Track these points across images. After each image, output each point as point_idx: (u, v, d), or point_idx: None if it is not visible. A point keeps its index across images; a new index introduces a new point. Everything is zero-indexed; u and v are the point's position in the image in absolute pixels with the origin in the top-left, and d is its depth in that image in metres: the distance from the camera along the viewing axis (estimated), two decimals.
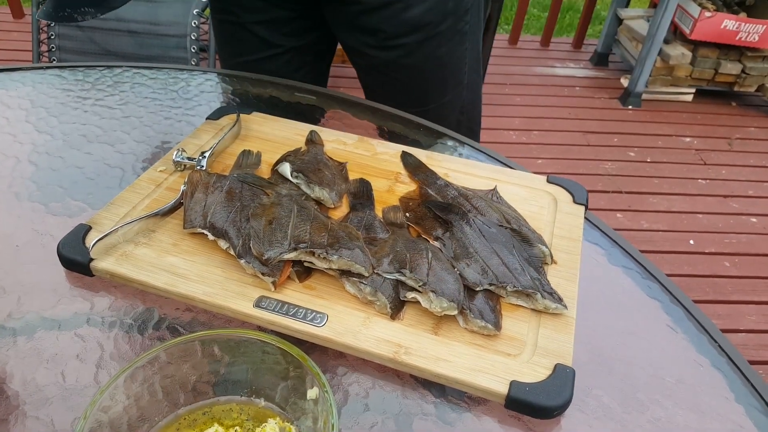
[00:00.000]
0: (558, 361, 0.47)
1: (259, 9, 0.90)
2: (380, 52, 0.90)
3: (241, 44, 0.93)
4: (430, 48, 0.90)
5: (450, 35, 0.90)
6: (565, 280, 0.55)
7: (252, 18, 0.91)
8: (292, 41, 0.94)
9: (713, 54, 2.60)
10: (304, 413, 0.40)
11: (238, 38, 0.93)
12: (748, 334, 1.65)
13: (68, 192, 0.65)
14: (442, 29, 0.88)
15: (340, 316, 0.50)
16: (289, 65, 0.97)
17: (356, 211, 0.61)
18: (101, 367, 0.48)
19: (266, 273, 0.51)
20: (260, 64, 0.94)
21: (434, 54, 0.91)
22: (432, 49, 0.90)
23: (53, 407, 0.45)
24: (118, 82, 0.87)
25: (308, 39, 0.96)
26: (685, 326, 0.56)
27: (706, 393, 0.50)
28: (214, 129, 0.73)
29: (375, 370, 0.49)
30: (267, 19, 0.91)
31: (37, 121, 0.77)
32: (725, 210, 2.12)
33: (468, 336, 0.49)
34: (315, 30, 0.96)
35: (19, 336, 0.50)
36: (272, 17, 0.91)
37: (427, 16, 0.86)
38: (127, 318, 0.52)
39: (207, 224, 0.55)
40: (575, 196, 0.66)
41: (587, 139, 2.46)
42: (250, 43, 0.93)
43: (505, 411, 0.46)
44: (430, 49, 0.90)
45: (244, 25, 0.92)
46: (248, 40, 0.93)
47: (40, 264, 0.56)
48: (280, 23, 0.92)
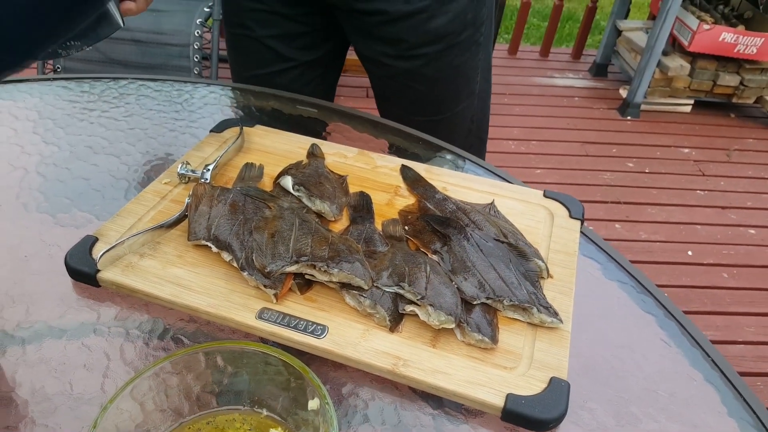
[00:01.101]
0: (553, 375, 0.48)
1: (273, 23, 0.91)
2: (400, 61, 0.90)
3: (255, 58, 0.94)
4: (449, 58, 0.91)
5: (467, 45, 0.91)
6: (560, 294, 0.57)
7: (266, 32, 0.92)
8: (305, 55, 0.96)
9: (711, 66, 2.62)
10: (305, 423, 0.41)
11: (252, 52, 0.94)
12: (746, 346, 1.66)
13: (75, 203, 0.67)
14: (461, 39, 0.90)
15: (340, 328, 0.51)
16: (300, 79, 0.98)
17: (356, 224, 0.62)
18: (107, 377, 0.49)
19: (268, 285, 0.52)
20: (273, 78, 0.96)
21: (452, 64, 0.92)
22: (451, 59, 0.91)
23: (61, 416, 0.46)
24: (124, 94, 0.89)
25: (320, 53, 0.97)
26: (679, 340, 0.57)
27: (698, 407, 0.51)
28: (217, 142, 0.74)
29: (374, 381, 0.50)
30: (281, 33, 0.92)
31: (45, 132, 0.79)
32: (724, 221, 2.14)
33: (465, 349, 0.51)
34: (327, 44, 0.97)
35: (27, 345, 0.51)
36: (286, 31, 0.92)
37: (450, 26, 0.87)
38: (132, 328, 0.53)
39: (211, 236, 0.56)
40: (571, 211, 0.67)
41: (586, 150, 2.48)
42: (264, 57, 0.94)
43: (502, 423, 0.47)
44: (449, 58, 0.91)
45: (259, 39, 0.93)
46: (262, 54, 0.94)
47: (47, 274, 0.57)
48: (293, 37, 0.93)
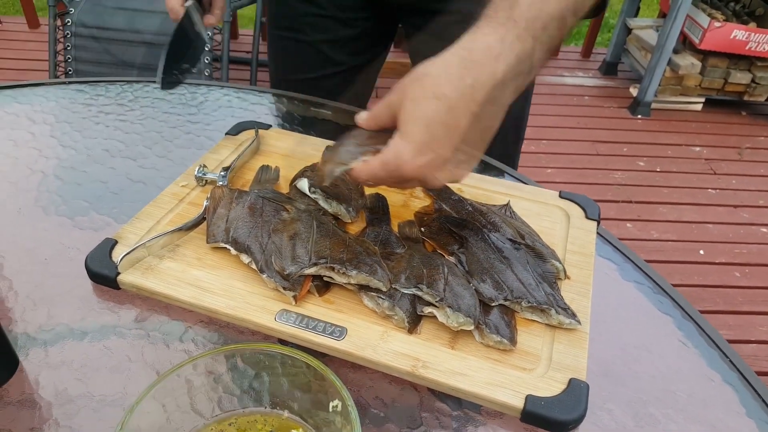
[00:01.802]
0: (572, 376, 0.48)
1: (328, 28, 0.91)
2: None
3: (303, 62, 0.94)
4: None
5: None
6: (578, 295, 0.57)
7: (320, 37, 0.92)
8: (353, 59, 0.96)
9: (723, 64, 2.60)
10: (326, 425, 0.42)
11: (301, 55, 0.94)
12: (759, 345, 1.65)
13: (93, 206, 0.67)
14: None
15: (359, 329, 0.52)
16: (345, 82, 0.98)
17: (373, 226, 0.63)
18: (129, 379, 0.49)
19: (287, 287, 0.53)
20: (319, 82, 0.95)
21: None
22: None
23: (84, 418, 0.46)
24: (139, 97, 0.89)
25: (366, 57, 0.98)
26: (697, 341, 0.57)
27: (717, 407, 0.51)
28: (233, 144, 0.75)
29: (393, 383, 0.50)
30: (334, 38, 0.92)
31: (62, 135, 0.79)
32: (735, 220, 2.12)
33: (484, 350, 0.51)
34: (373, 49, 0.98)
35: (49, 347, 0.52)
36: (339, 36, 0.92)
37: None
38: (153, 330, 0.54)
39: (230, 239, 0.57)
40: (587, 212, 0.67)
41: (596, 149, 2.47)
42: (314, 61, 0.94)
43: (521, 424, 0.47)
44: None
45: (311, 43, 0.92)
46: (311, 58, 0.94)
47: (67, 277, 0.58)
48: (345, 42, 0.93)
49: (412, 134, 0.48)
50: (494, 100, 0.47)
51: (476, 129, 0.48)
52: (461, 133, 0.47)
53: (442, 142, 0.47)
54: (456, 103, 0.46)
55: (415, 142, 0.47)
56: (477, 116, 0.47)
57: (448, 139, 0.47)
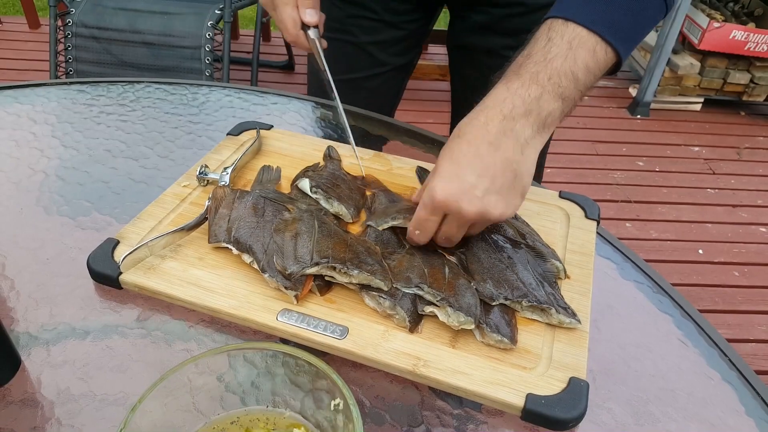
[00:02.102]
0: (572, 375, 0.49)
1: (377, 30, 0.93)
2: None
3: (348, 62, 0.96)
4: None
5: None
6: (578, 294, 0.57)
7: (368, 39, 0.94)
8: (397, 60, 0.98)
9: (722, 64, 2.61)
10: (328, 423, 0.42)
11: (347, 56, 0.95)
12: (758, 344, 1.65)
13: (95, 206, 0.67)
14: None
15: (360, 329, 0.52)
16: (387, 83, 1.01)
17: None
18: (131, 378, 0.50)
19: (289, 287, 0.53)
20: (364, 82, 0.98)
21: None
22: None
23: (86, 417, 0.47)
24: (140, 98, 0.90)
25: (408, 58, 1.01)
26: (696, 340, 0.57)
27: (716, 406, 0.51)
28: (234, 144, 0.75)
29: (394, 382, 0.50)
30: (381, 39, 0.95)
31: (63, 135, 0.80)
32: (734, 219, 2.12)
33: (484, 349, 0.51)
34: (415, 49, 1.01)
35: (51, 347, 0.52)
36: (386, 38, 0.95)
37: None
38: (155, 330, 0.54)
39: (231, 239, 0.57)
40: (587, 212, 0.67)
41: (596, 149, 2.47)
42: (361, 62, 0.97)
43: (521, 423, 0.48)
44: None
45: (359, 44, 0.95)
46: (359, 59, 0.96)
47: (69, 277, 0.58)
48: (391, 43, 0.95)
49: (441, 168, 0.54)
50: (508, 132, 0.54)
51: (498, 159, 0.53)
52: (483, 162, 0.53)
53: (465, 170, 0.53)
54: (473, 136, 0.54)
55: (443, 173, 0.54)
56: (494, 145, 0.53)
57: (470, 167, 0.53)
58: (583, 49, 0.56)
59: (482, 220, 0.55)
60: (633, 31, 0.58)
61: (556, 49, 0.56)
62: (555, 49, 0.56)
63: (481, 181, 0.53)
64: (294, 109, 0.90)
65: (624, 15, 0.57)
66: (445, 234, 0.56)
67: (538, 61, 0.56)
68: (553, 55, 0.55)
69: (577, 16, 0.56)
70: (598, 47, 0.56)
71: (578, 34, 0.56)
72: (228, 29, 2.00)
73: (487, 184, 0.53)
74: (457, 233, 0.56)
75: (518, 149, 0.54)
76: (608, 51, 0.56)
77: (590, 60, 0.56)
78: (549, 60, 0.55)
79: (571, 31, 0.56)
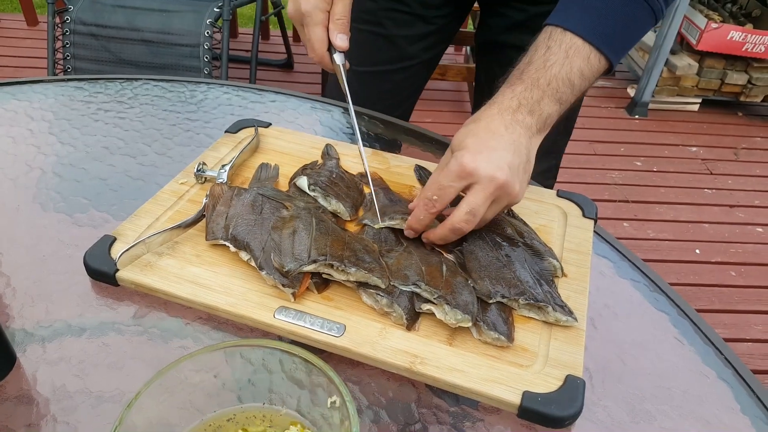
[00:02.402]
0: (569, 372, 0.49)
1: (409, 23, 0.95)
2: None
3: (377, 54, 0.98)
4: None
5: None
6: (575, 292, 0.57)
7: (399, 32, 0.95)
8: (425, 54, 1.00)
9: (719, 65, 2.61)
10: (324, 420, 0.42)
11: (379, 48, 0.97)
12: (754, 344, 1.66)
13: (92, 203, 0.67)
14: None
15: (358, 326, 0.52)
16: (411, 77, 1.02)
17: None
18: (127, 375, 0.50)
19: (286, 284, 0.53)
20: (391, 75, 1.00)
21: None
22: None
23: (82, 414, 0.47)
24: (138, 95, 0.89)
25: (435, 52, 1.02)
26: (692, 338, 0.57)
27: (712, 404, 0.51)
28: (232, 142, 0.75)
29: (391, 379, 0.50)
30: (412, 33, 0.96)
31: (60, 132, 0.79)
32: (731, 220, 2.13)
33: (481, 347, 0.51)
34: (442, 45, 1.02)
35: (47, 344, 0.52)
36: (417, 32, 0.96)
37: None
38: (151, 327, 0.54)
39: (229, 236, 0.57)
40: (585, 211, 0.67)
41: (594, 149, 2.48)
42: (390, 54, 0.98)
43: (518, 420, 0.48)
44: None
45: (389, 37, 0.96)
46: (389, 51, 0.97)
47: (66, 274, 0.58)
48: (420, 37, 0.97)
49: (465, 143, 0.57)
50: (519, 122, 0.59)
51: (514, 140, 0.58)
52: (504, 140, 0.57)
53: (491, 143, 0.57)
54: (491, 120, 0.59)
55: (469, 147, 0.57)
56: (509, 130, 0.58)
57: (495, 142, 0.57)
58: (579, 57, 0.61)
59: (504, 195, 0.56)
60: (624, 40, 0.63)
61: (554, 57, 0.61)
62: (553, 57, 0.61)
63: (506, 155, 0.56)
64: (292, 107, 0.90)
65: (616, 26, 0.62)
66: (471, 205, 0.56)
67: (538, 68, 0.61)
68: (552, 63, 0.61)
69: (574, 26, 0.61)
70: (592, 55, 0.61)
71: (574, 43, 0.61)
72: (227, 27, 2.00)
73: (510, 159, 0.56)
74: (482, 203, 0.56)
75: (528, 137, 0.59)
76: (601, 59, 0.62)
77: (585, 67, 0.61)
78: (548, 67, 0.60)
79: (569, 40, 0.61)
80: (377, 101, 0.98)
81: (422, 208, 0.58)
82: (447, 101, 2.74)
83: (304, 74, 2.88)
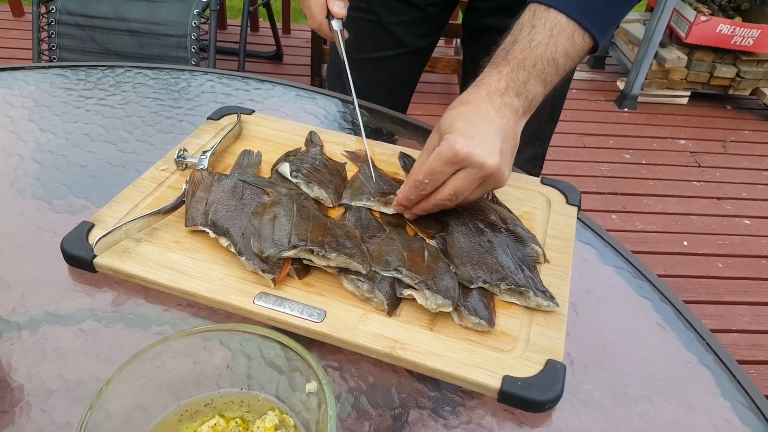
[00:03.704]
0: (549, 357, 0.49)
1: (401, 11, 0.96)
2: None
3: (373, 42, 0.99)
4: None
5: None
6: (557, 278, 0.57)
7: (392, 19, 0.96)
8: (418, 42, 1.01)
9: (708, 58, 2.62)
10: (303, 406, 0.42)
11: (373, 35, 0.98)
12: (740, 335, 1.67)
13: (71, 190, 0.66)
14: None
15: (338, 312, 0.52)
16: (406, 65, 1.04)
17: (354, 211, 0.62)
18: (104, 361, 0.49)
19: (266, 270, 0.52)
20: (385, 62, 1.01)
21: None
22: None
23: (57, 400, 0.46)
24: (120, 82, 0.88)
25: (429, 40, 1.04)
26: (674, 324, 0.57)
27: (693, 389, 0.51)
28: (215, 129, 0.74)
29: (372, 364, 0.50)
30: (405, 20, 0.97)
31: (40, 119, 0.78)
32: (719, 212, 2.14)
33: (462, 332, 0.51)
34: (436, 32, 1.04)
35: (23, 330, 0.51)
36: (410, 18, 0.97)
37: None
38: (129, 313, 0.53)
39: (208, 222, 0.56)
40: (568, 197, 0.67)
41: (583, 141, 2.48)
42: (383, 41, 0.99)
43: (498, 405, 0.47)
44: None
45: (383, 24, 0.97)
46: (382, 38, 0.98)
47: (43, 260, 0.57)
48: (413, 24, 0.98)
49: (455, 126, 0.56)
50: (507, 104, 0.58)
51: (503, 124, 0.57)
52: (495, 124, 0.56)
53: (482, 127, 0.56)
54: (480, 103, 0.58)
55: (460, 130, 0.55)
56: (499, 113, 0.57)
57: (486, 126, 0.56)
58: (563, 36, 0.60)
59: (492, 180, 0.56)
60: (609, 16, 0.62)
61: (539, 37, 0.60)
62: (538, 37, 0.60)
63: (497, 140, 0.56)
64: (277, 95, 0.89)
65: (600, 1, 0.60)
66: (456, 188, 0.56)
67: (524, 48, 0.60)
68: (537, 42, 0.60)
69: (558, 3, 0.60)
70: (576, 33, 0.60)
71: (559, 21, 0.60)
72: (214, 17, 1.98)
73: (501, 144, 0.56)
74: (468, 188, 0.56)
75: (515, 120, 0.59)
76: (585, 37, 0.61)
77: (569, 46, 0.60)
78: (533, 47, 0.59)
79: (553, 18, 0.60)
80: (374, 89, 0.98)
81: (413, 190, 0.58)
82: (437, 94, 2.73)
83: (293, 66, 2.86)
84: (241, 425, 0.41)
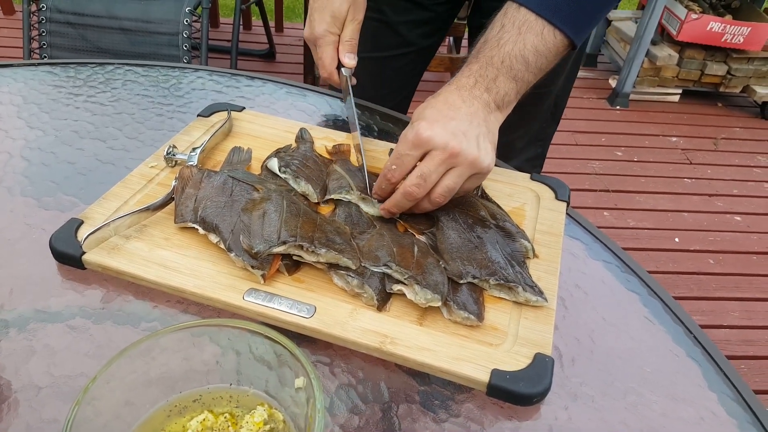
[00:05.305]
0: (538, 351, 0.49)
1: (408, 10, 0.96)
2: None
3: (377, 41, 0.97)
4: None
5: None
6: (546, 273, 0.57)
7: (399, 18, 0.96)
8: (423, 41, 1.01)
9: (699, 55, 2.63)
10: (292, 401, 0.42)
11: (378, 35, 0.97)
12: (731, 330, 1.68)
13: (60, 187, 0.66)
14: None
15: (328, 307, 0.52)
16: (411, 64, 1.04)
17: (343, 206, 0.62)
18: (92, 358, 0.49)
19: (255, 266, 0.52)
20: (390, 61, 1.01)
21: None
22: None
23: (45, 396, 0.46)
24: (110, 79, 0.88)
25: (433, 40, 1.04)
26: (662, 318, 0.58)
27: (681, 381, 0.52)
28: (204, 126, 0.74)
29: (362, 359, 0.50)
30: (411, 19, 0.97)
31: (29, 117, 0.78)
32: (710, 209, 2.15)
33: (452, 327, 0.51)
34: (439, 33, 1.04)
35: (11, 327, 0.51)
36: (416, 18, 0.97)
37: None
38: (118, 310, 0.53)
39: (198, 219, 0.56)
40: (558, 193, 0.67)
41: (575, 139, 2.49)
42: (389, 41, 0.98)
43: (487, 398, 0.48)
44: None
45: (389, 23, 0.96)
46: (388, 38, 0.98)
47: (32, 257, 0.57)
48: (418, 24, 0.98)
49: (422, 114, 0.58)
50: (476, 97, 0.59)
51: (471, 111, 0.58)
52: (460, 112, 0.58)
53: (446, 113, 0.57)
54: (449, 95, 0.60)
55: (425, 117, 0.58)
56: (466, 103, 0.59)
57: (451, 112, 0.58)
58: (531, 33, 0.60)
59: (462, 163, 0.56)
60: (582, 14, 0.61)
61: (507, 35, 0.60)
62: (506, 35, 0.61)
63: (461, 124, 0.57)
64: (268, 92, 0.89)
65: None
66: (423, 172, 0.56)
67: (492, 47, 0.61)
68: (505, 41, 0.60)
69: (527, 0, 0.60)
70: (545, 30, 0.60)
71: (527, 19, 0.60)
72: (206, 15, 1.97)
73: (466, 128, 0.57)
74: (434, 171, 0.56)
75: (485, 110, 0.59)
76: (557, 34, 0.60)
77: (539, 43, 0.60)
78: (501, 45, 0.60)
79: (522, 16, 0.60)
80: (378, 89, 0.98)
81: (382, 178, 0.59)
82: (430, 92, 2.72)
83: (286, 64, 2.86)
84: (230, 420, 0.41)
